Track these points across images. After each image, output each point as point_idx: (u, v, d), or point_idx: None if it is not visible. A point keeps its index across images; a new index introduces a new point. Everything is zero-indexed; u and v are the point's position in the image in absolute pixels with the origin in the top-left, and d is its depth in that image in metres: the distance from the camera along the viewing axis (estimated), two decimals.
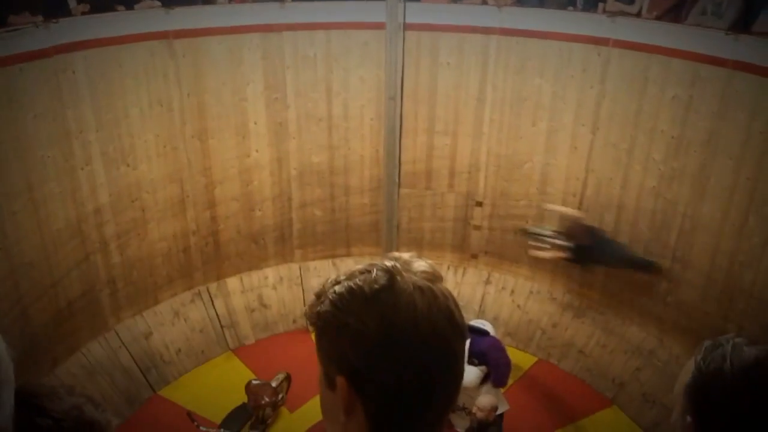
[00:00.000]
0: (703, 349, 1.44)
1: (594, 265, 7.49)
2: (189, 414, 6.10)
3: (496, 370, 6.26)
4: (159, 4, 6.90)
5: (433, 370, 1.13)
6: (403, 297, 1.11)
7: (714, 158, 6.40)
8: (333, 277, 1.23)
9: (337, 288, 1.18)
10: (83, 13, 6.39)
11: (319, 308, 1.20)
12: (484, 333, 6.50)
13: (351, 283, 1.16)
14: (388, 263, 1.16)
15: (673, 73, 6.54)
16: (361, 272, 1.17)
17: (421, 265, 1.18)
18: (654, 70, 6.68)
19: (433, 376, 1.13)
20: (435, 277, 1.17)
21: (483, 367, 6.32)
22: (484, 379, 6.38)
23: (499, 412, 6.14)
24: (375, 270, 1.15)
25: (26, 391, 1.43)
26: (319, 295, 1.22)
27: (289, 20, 7.47)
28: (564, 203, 7.76)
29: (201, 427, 6.13)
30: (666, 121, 6.71)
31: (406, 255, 1.20)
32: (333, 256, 8.68)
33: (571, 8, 7.26)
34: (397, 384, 1.12)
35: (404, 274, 1.15)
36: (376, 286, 1.13)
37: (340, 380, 1.16)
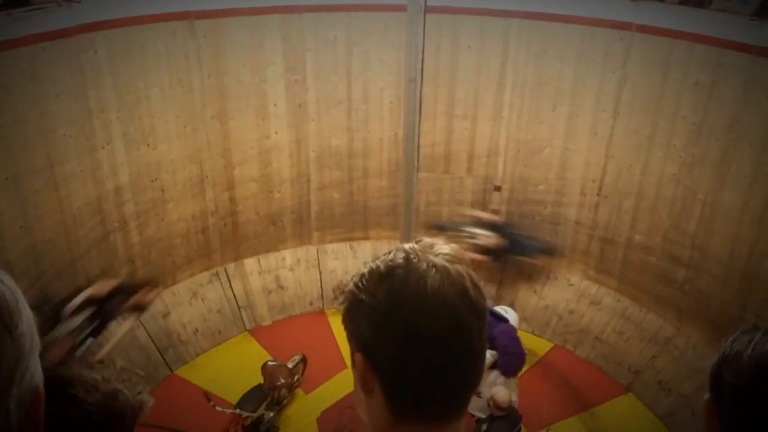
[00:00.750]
0: (736, 333, 1.43)
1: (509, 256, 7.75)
2: (205, 394, 6.17)
3: (503, 357, 6.24)
4: None
5: (441, 343, 1.12)
6: (415, 273, 1.11)
7: (736, 145, 6.31)
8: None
9: (362, 270, 1.19)
10: None
11: (345, 288, 1.21)
12: (503, 320, 6.49)
13: (372, 264, 1.17)
14: (410, 245, 1.17)
15: (696, 58, 6.44)
16: (385, 254, 1.19)
17: (443, 248, 1.18)
18: (677, 55, 6.59)
19: (442, 350, 1.12)
20: (455, 258, 1.17)
21: (494, 352, 6.31)
22: (494, 365, 6.36)
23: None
24: (395, 251, 1.17)
25: (63, 377, 1.45)
26: (351, 279, 1.24)
27: (310, 2, 7.44)
28: (583, 189, 7.72)
29: (217, 407, 6.20)
30: (688, 107, 6.62)
31: (432, 239, 1.21)
32: (350, 239, 8.71)
33: None
34: (405, 357, 1.12)
35: (423, 254, 1.15)
36: (391, 264, 1.14)
37: (357, 356, 1.18)
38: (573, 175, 7.77)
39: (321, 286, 8.52)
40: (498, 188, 8.16)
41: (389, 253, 1.18)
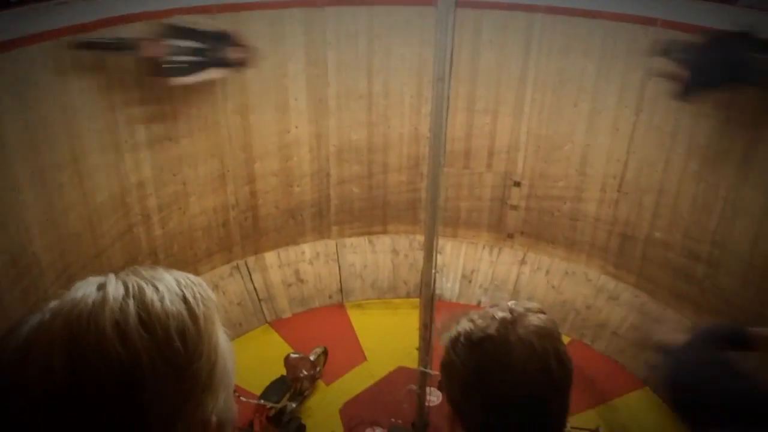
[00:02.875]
0: None
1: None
2: None
3: None
4: None
5: (522, 412, 1.24)
6: (502, 348, 1.24)
7: (759, 142, 6.29)
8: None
9: (459, 326, 1.32)
10: None
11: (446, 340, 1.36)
12: None
13: (468, 326, 1.29)
14: (504, 314, 1.28)
15: None
16: (482, 317, 1.30)
17: (534, 319, 1.29)
18: None
19: (522, 418, 1.24)
20: (546, 332, 1.26)
21: None
22: None
23: None
24: (491, 317, 1.28)
25: None
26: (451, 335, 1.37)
27: None
28: (603, 185, 7.72)
29: (242, 398, 6.27)
30: (712, 103, 6.59)
31: (524, 306, 1.30)
32: (369, 233, 8.74)
33: None
34: (488, 422, 1.26)
35: (515, 326, 1.26)
36: (482, 334, 1.26)
37: (449, 410, 1.33)
38: (593, 172, 7.76)
39: (340, 280, 8.56)
40: (518, 184, 8.16)
41: (486, 316, 1.30)
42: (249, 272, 8.16)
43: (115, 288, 0.79)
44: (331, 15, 7.50)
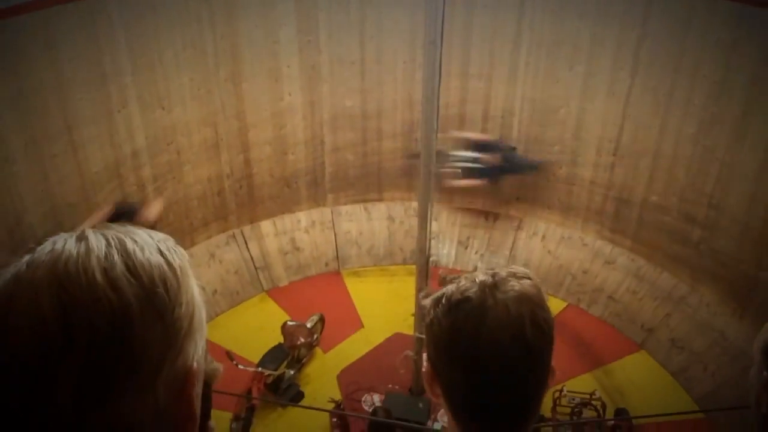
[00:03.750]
0: None
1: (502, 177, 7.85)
2: (228, 353, 6.30)
3: None
4: None
5: (491, 377, 1.26)
6: (478, 309, 1.24)
7: (756, 104, 6.25)
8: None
9: (444, 288, 1.33)
10: None
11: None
12: None
13: (450, 288, 1.31)
14: (486, 278, 1.28)
15: (718, 15, 6.32)
16: (466, 279, 1.31)
17: (516, 284, 1.28)
18: (698, 11, 6.47)
19: (492, 382, 1.26)
20: (525, 297, 1.26)
21: None
22: None
23: None
24: (473, 280, 1.29)
25: None
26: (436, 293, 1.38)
27: None
28: (599, 149, 7.68)
29: (240, 366, 6.34)
30: (708, 65, 6.53)
31: (510, 271, 1.31)
32: (365, 201, 8.74)
33: None
34: (459, 381, 1.28)
35: (494, 289, 1.26)
36: (460, 296, 1.27)
37: (427, 366, 1.35)
38: (589, 135, 7.72)
39: (336, 248, 8.58)
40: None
41: (469, 278, 1.30)
42: (245, 241, 8.19)
43: (96, 239, 0.80)
44: None
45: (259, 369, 6.50)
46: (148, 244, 0.83)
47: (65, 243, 0.79)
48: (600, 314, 7.95)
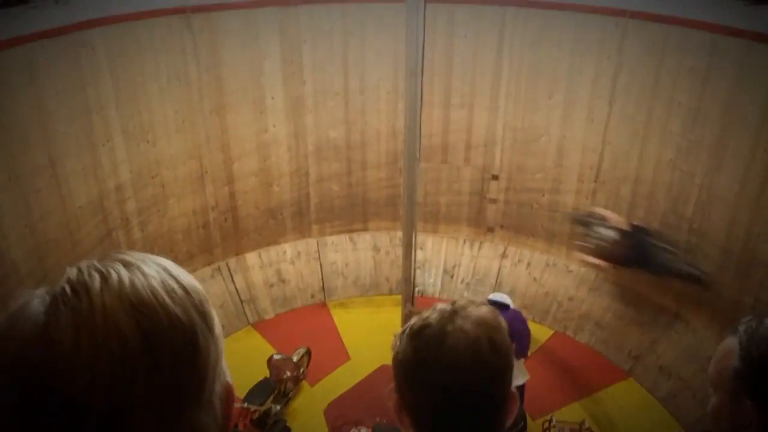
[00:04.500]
0: (743, 332, 1.48)
1: (638, 269, 7.14)
2: None
3: (520, 342, 6.32)
4: None
5: (452, 400, 1.31)
6: (438, 336, 1.30)
7: (731, 129, 6.38)
8: None
9: (411, 322, 1.39)
10: None
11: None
12: (504, 306, 6.56)
13: (414, 318, 1.37)
14: (446, 306, 1.35)
15: (691, 44, 6.49)
16: (428, 310, 1.37)
17: (474, 310, 1.34)
18: (671, 41, 6.64)
19: (453, 405, 1.31)
20: (482, 321, 1.32)
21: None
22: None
23: (520, 382, 6.23)
24: (434, 309, 1.36)
25: None
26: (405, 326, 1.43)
27: None
28: (580, 176, 7.78)
29: None
30: (684, 92, 6.68)
31: (469, 299, 1.37)
32: (350, 231, 8.75)
33: None
34: (423, 407, 1.32)
35: (453, 316, 1.32)
36: (421, 323, 1.33)
37: (394, 396, 1.38)
38: (570, 163, 7.82)
39: (322, 279, 8.56)
40: (496, 177, 8.21)
41: (431, 309, 1.37)
42: (230, 273, 8.14)
43: (145, 265, 0.84)
44: (305, 13, 7.51)
45: (245, 405, 6.40)
46: (178, 267, 0.90)
47: (118, 271, 0.82)
48: (587, 341, 7.96)
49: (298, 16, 7.50)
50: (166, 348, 0.78)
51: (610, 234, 6.93)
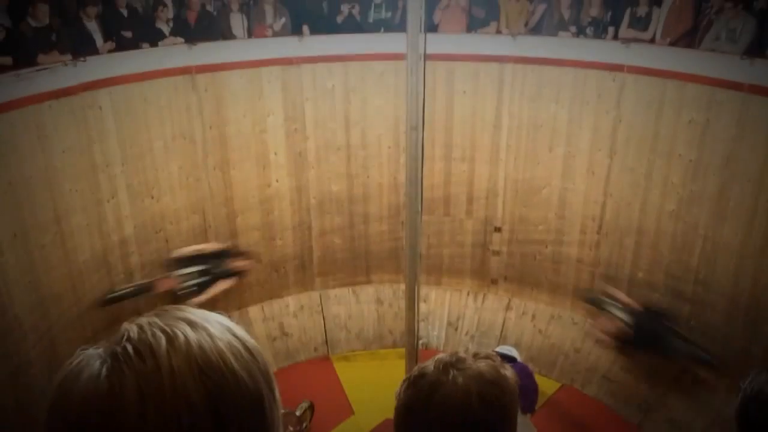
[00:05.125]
0: (750, 376, 1.52)
1: (650, 351, 7.07)
2: None
3: (526, 397, 6.22)
4: (182, 40, 7.09)
5: None
6: (432, 386, 1.31)
7: (733, 181, 6.42)
8: None
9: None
10: (110, 51, 6.61)
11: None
12: (511, 359, 6.48)
13: (416, 369, 1.39)
14: (448, 358, 1.37)
15: (689, 97, 6.59)
16: (431, 361, 1.39)
17: (472, 363, 1.35)
18: (669, 94, 6.74)
19: None
20: (478, 375, 1.33)
21: None
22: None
23: None
24: (435, 360, 1.37)
25: None
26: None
27: (307, 53, 7.63)
28: (583, 227, 7.79)
29: None
30: (683, 144, 6.74)
31: (474, 352, 1.38)
32: (353, 284, 8.73)
33: (582, 36, 7.39)
34: None
35: (451, 368, 1.34)
36: (418, 373, 1.36)
37: None
38: (572, 214, 7.85)
39: (325, 332, 8.50)
40: (498, 229, 8.23)
41: (433, 360, 1.39)
42: None
43: (211, 326, 0.82)
44: (307, 72, 7.69)
45: None
46: (239, 327, 0.87)
47: (184, 332, 0.79)
48: (595, 394, 7.82)
49: (301, 75, 7.67)
50: (233, 415, 0.76)
51: (624, 315, 6.92)
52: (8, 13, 6.14)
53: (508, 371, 1.36)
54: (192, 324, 0.80)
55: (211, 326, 0.81)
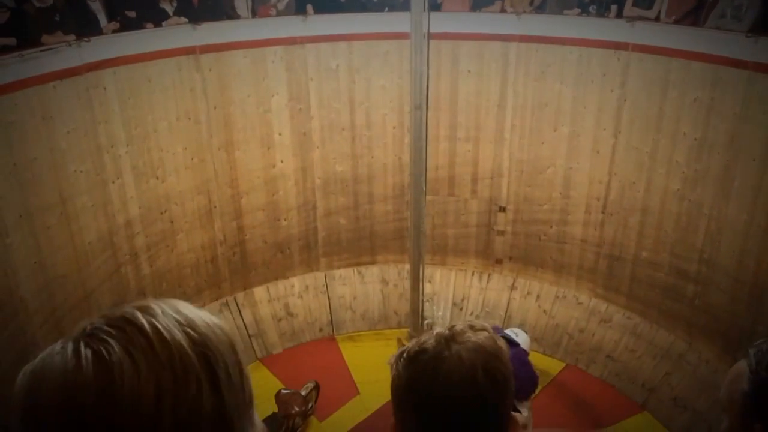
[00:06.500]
0: (753, 355, 1.48)
1: None
2: None
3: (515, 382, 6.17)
4: (186, 20, 7.06)
5: (446, 425, 1.29)
6: (433, 361, 1.29)
7: (737, 159, 6.38)
8: None
9: (408, 345, 1.38)
10: (113, 32, 6.59)
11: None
12: (514, 344, 6.45)
13: (412, 343, 1.37)
14: (445, 331, 1.35)
15: (694, 75, 6.54)
16: (426, 335, 1.37)
17: (471, 335, 1.34)
18: (674, 73, 6.69)
19: (446, 429, 1.30)
20: (479, 347, 1.31)
21: None
22: None
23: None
24: (431, 334, 1.35)
25: None
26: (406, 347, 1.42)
27: (312, 33, 7.59)
28: (587, 207, 7.78)
29: None
30: (688, 123, 6.70)
31: (469, 324, 1.35)
32: (358, 264, 8.76)
33: (587, 14, 7.33)
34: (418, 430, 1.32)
35: (450, 341, 1.32)
36: (418, 349, 1.33)
37: (390, 421, 1.38)
38: (577, 194, 7.83)
39: (330, 312, 8.55)
40: (503, 209, 8.23)
41: (429, 334, 1.37)
42: (238, 308, 8.15)
43: (165, 303, 0.86)
44: (312, 51, 7.66)
45: None
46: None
47: (150, 306, 0.83)
48: (599, 374, 7.86)
49: (305, 54, 7.64)
50: (220, 361, 0.80)
51: None
52: None
53: (501, 341, 1.36)
54: (148, 306, 0.83)
55: (166, 304, 0.85)
